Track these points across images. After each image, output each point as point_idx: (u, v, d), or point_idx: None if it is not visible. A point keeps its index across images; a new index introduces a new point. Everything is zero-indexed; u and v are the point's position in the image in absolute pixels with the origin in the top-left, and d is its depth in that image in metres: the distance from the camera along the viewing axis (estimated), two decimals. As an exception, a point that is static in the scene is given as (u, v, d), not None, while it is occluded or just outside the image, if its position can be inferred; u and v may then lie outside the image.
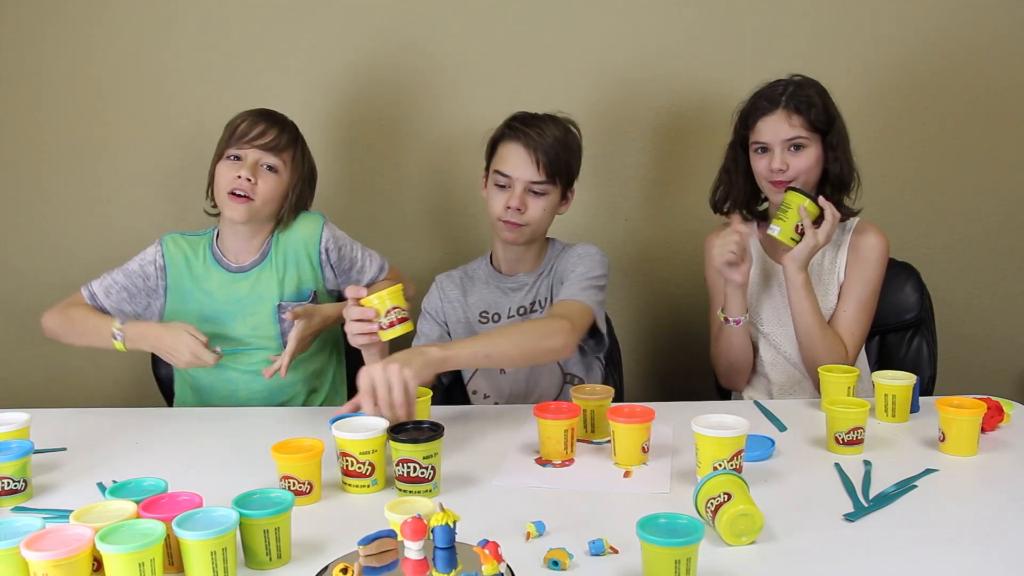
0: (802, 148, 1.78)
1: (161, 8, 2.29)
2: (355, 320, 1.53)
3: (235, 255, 1.88)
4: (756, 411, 1.64)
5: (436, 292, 1.93)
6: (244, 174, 1.76)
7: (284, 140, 1.81)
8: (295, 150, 1.84)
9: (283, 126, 1.82)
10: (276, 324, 1.84)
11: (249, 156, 1.78)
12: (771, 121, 1.78)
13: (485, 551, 0.85)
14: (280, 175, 1.81)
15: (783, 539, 1.11)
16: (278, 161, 1.80)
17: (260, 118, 1.81)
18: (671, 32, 2.26)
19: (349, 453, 1.27)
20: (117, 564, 0.94)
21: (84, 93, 2.32)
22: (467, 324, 1.88)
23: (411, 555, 0.88)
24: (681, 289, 2.32)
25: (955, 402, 1.41)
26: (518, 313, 1.86)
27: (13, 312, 2.42)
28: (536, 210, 1.79)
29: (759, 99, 1.81)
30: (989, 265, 2.34)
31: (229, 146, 1.79)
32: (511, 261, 1.90)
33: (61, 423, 1.64)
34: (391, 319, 1.51)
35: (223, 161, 1.80)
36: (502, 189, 1.79)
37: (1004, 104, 2.26)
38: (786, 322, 1.85)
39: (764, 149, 1.81)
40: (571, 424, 1.40)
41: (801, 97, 1.78)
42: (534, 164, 1.76)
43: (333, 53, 2.29)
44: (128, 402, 2.25)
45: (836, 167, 1.81)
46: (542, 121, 1.80)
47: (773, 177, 1.79)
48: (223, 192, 1.78)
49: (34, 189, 2.37)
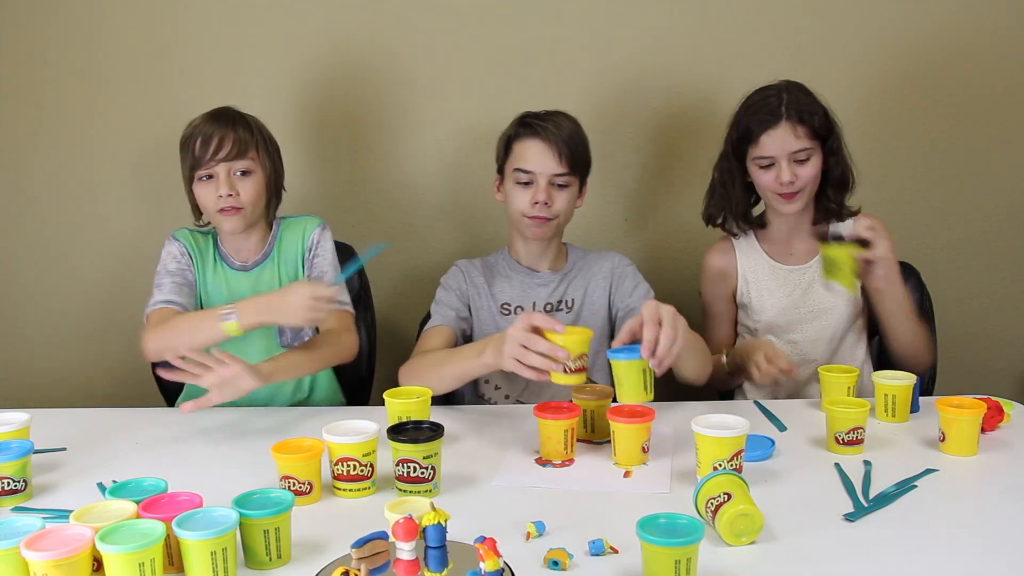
0: (808, 158, 1.77)
1: (156, 6, 2.28)
2: (539, 353, 1.39)
3: (237, 253, 1.89)
4: (756, 411, 1.64)
5: (460, 274, 1.92)
6: (223, 191, 1.75)
7: (244, 139, 1.77)
8: (256, 141, 1.80)
9: (234, 125, 1.78)
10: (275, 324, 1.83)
11: (219, 172, 1.75)
12: (777, 135, 1.75)
13: (483, 547, 0.85)
14: (255, 173, 1.79)
15: (783, 539, 1.11)
16: (248, 163, 1.78)
17: (212, 128, 1.75)
18: (670, 31, 2.25)
19: (351, 457, 1.27)
20: (117, 564, 0.94)
21: (78, 92, 2.32)
22: (490, 312, 1.88)
23: (403, 555, 0.88)
24: (680, 289, 2.32)
25: (955, 402, 1.41)
26: (544, 309, 1.86)
27: (13, 312, 2.41)
28: (561, 202, 1.80)
29: (758, 112, 1.77)
30: (989, 265, 2.34)
31: (196, 169, 1.76)
32: (534, 257, 1.90)
33: (61, 423, 1.63)
34: (578, 364, 1.39)
35: (197, 184, 1.78)
36: (524, 186, 1.80)
37: (1004, 104, 2.26)
38: (794, 327, 1.85)
39: (769, 163, 1.78)
40: (571, 424, 1.40)
41: (802, 106, 1.75)
42: (556, 157, 1.77)
43: (334, 51, 2.29)
44: (128, 402, 2.24)
45: (837, 170, 1.81)
46: (555, 116, 1.82)
47: (782, 190, 1.78)
48: (211, 212, 1.78)
49: (31, 190, 2.37)
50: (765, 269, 1.91)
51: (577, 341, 1.38)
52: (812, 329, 1.86)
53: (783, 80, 1.81)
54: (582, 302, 1.88)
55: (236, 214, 1.78)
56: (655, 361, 1.35)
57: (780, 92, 1.78)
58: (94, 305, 2.40)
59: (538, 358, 1.38)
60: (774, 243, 1.92)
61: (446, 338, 1.81)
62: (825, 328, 1.86)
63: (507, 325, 1.83)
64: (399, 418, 1.42)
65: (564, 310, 1.87)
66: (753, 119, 1.77)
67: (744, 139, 1.80)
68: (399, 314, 2.33)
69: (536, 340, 1.38)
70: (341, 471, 1.27)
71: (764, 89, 1.80)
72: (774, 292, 1.89)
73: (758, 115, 1.77)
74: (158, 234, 1.92)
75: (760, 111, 1.77)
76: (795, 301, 1.87)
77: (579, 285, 1.89)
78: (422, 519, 0.88)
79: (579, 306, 1.88)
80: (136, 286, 2.13)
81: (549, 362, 1.37)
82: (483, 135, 2.14)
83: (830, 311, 1.85)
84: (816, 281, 1.86)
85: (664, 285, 2.34)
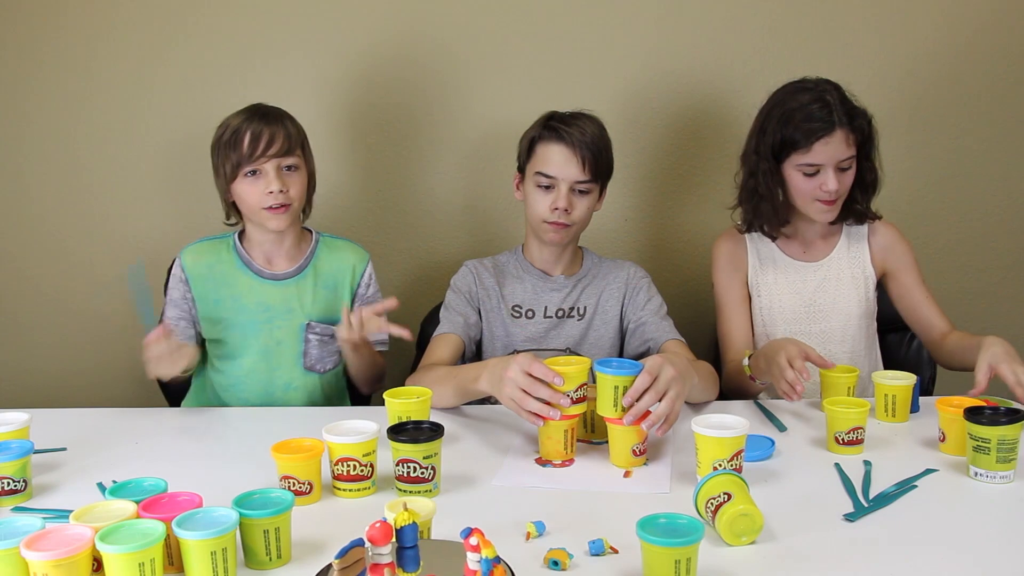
0: (851, 165, 1.73)
1: (165, 1, 2.28)
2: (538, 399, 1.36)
3: (267, 260, 1.84)
4: (756, 411, 1.64)
5: (470, 275, 1.90)
6: (275, 187, 1.71)
7: (293, 135, 1.76)
8: (302, 138, 1.80)
9: (281, 122, 1.76)
10: (301, 343, 1.82)
11: (268, 168, 1.72)
12: (832, 143, 1.67)
13: (471, 540, 0.85)
14: (301, 169, 1.78)
15: (783, 539, 1.11)
16: (295, 159, 1.76)
17: (259, 125, 1.72)
18: (673, 32, 2.25)
19: (351, 457, 1.27)
20: (117, 564, 0.94)
21: (81, 89, 2.32)
22: (500, 315, 1.87)
23: (381, 559, 0.86)
24: (681, 289, 2.32)
25: (955, 402, 1.41)
26: (556, 315, 1.86)
27: (13, 312, 2.41)
28: (581, 209, 1.79)
29: (809, 118, 1.67)
30: (989, 265, 2.34)
31: (242, 166, 1.72)
32: (549, 261, 1.89)
33: (61, 423, 1.63)
34: (578, 395, 1.38)
35: (241, 179, 1.73)
36: (546, 190, 1.78)
37: (1004, 104, 2.26)
38: (802, 323, 1.85)
39: (815, 170, 1.71)
40: (571, 424, 1.40)
41: (851, 111, 1.69)
42: (579, 163, 1.75)
43: (360, 52, 2.28)
44: (128, 402, 2.24)
45: (871, 175, 1.78)
46: (579, 119, 1.79)
47: (825, 197, 1.73)
48: (257, 209, 1.74)
49: (32, 189, 2.37)
50: (776, 262, 1.88)
51: (575, 375, 1.37)
52: (821, 328, 1.85)
53: (817, 78, 1.74)
54: (594, 310, 1.87)
55: (285, 211, 1.74)
56: (643, 425, 1.34)
57: (823, 95, 1.70)
58: (95, 306, 2.40)
59: (537, 404, 1.35)
60: (789, 239, 1.89)
61: (454, 347, 1.79)
62: (834, 329, 1.85)
63: (517, 329, 1.85)
64: (399, 418, 1.42)
65: (575, 316, 1.86)
66: (802, 126, 1.69)
67: (791, 145, 1.71)
68: (404, 314, 2.33)
69: (537, 387, 1.35)
70: (341, 471, 1.27)
71: (802, 90, 1.73)
72: (783, 287, 1.87)
73: (810, 122, 1.68)
74: (160, 235, 1.92)
75: (812, 118, 1.68)
76: (804, 298, 1.85)
77: (592, 293, 1.88)
78: (396, 520, 0.87)
79: (591, 314, 1.87)
80: (136, 286, 2.13)
81: (548, 408, 1.35)
82: (498, 134, 2.14)
83: (840, 311, 1.84)
84: (827, 281, 1.84)
85: (664, 285, 2.34)
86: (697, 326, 2.16)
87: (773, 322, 1.87)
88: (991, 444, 1.27)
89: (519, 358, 1.39)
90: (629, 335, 1.86)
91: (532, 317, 1.86)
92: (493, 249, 2.12)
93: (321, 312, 1.83)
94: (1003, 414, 1.30)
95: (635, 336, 1.84)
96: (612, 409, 1.36)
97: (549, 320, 1.86)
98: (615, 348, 1.87)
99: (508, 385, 1.38)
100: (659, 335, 1.80)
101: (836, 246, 1.87)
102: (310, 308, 1.83)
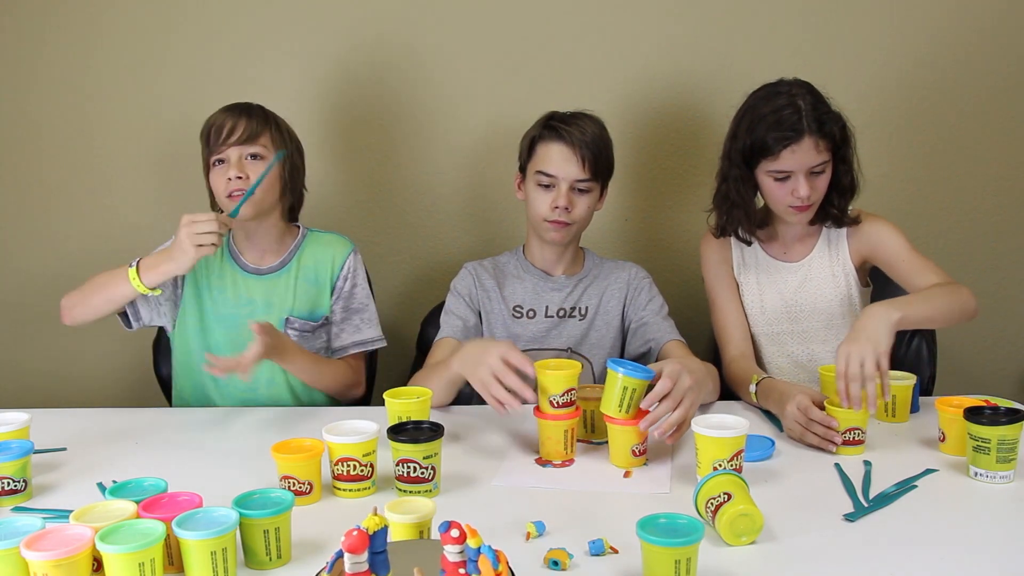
0: (824, 170, 1.71)
1: (165, 1, 2.28)
2: (507, 387, 1.39)
3: (251, 255, 1.87)
4: (756, 411, 1.64)
5: (470, 277, 1.90)
6: (232, 174, 1.75)
7: (256, 126, 1.79)
8: (270, 129, 1.81)
9: (250, 113, 1.80)
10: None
11: (231, 155, 1.76)
12: (800, 151, 1.65)
13: (469, 528, 0.85)
14: (266, 159, 1.79)
15: (783, 539, 1.11)
16: (259, 148, 1.78)
17: (227, 115, 1.78)
18: (673, 33, 2.25)
19: (351, 457, 1.27)
20: (117, 564, 0.94)
21: (81, 88, 2.31)
22: (501, 315, 1.87)
23: (358, 568, 0.85)
24: (681, 289, 2.32)
25: (955, 402, 1.40)
26: (557, 315, 1.86)
27: (13, 312, 2.41)
28: (582, 208, 1.80)
29: (778, 126, 1.65)
30: (989, 265, 2.34)
31: (211, 154, 1.78)
32: (550, 261, 1.89)
33: (61, 423, 1.64)
34: (564, 400, 1.39)
35: (212, 170, 1.79)
36: (546, 189, 1.79)
37: (1004, 104, 2.26)
38: (794, 329, 1.85)
39: (785, 176, 1.71)
40: (571, 424, 1.40)
41: (822, 117, 1.67)
42: (579, 162, 1.76)
43: (360, 53, 2.27)
44: (128, 402, 2.25)
45: (847, 178, 1.75)
46: (580, 119, 1.80)
47: (797, 203, 1.71)
48: (222, 197, 1.78)
49: (32, 187, 2.37)
50: (759, 262, 1.88)
51: (559, 379, 1.38)
52: (802, 328, 1.85)
53: (791, 80, 1.73)
54: (596, 310, 1.87)
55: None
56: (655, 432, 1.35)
57: (795, 100, 1.67)
58: (94, 305, 2.39)
59: (504, 393, 1.38)
60: (770, 239, 1.90)
61: (453, 350, 1.79)
62: (816, 329, 1.84)
63: (519, 329, 1.85)
64: (399, 418, 1.42)
65: (577, 316, 1.87)
66: (771, 133, 1.66)
67: (759, 151, 1.69)
68: (403, 314, 2.33)
69: (508, 374, 1.39)
70: (341, 471, 1.27)
71: (774, 94, 1.70)
72: (765, 286, 1.87)
73: (778, 129, 1.65)
74: (160, 234, 1.92)
75: (780, 125, 1.66)
76: (786, 298, 1.85)
77: (594, 293, 1.89)
78: (368, 524, 0.87)
79: (592, 314, 1.87)
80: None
81: (512, 398, 1.38)
82: (497, 135, 2.14)
83: (821, 311, 1.83)
84: (808, 281, 1.84)
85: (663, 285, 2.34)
86: (697, 326, 2.16)
87: (755, 322, 1.87)
88: (991, 444, 1.27)
89: (500, 344, 1.42)
90: (630, 335, 1.87)
91: (533, 317, 1.86)
92: (493, 249, 2.12)
93: (304, 307, 1.85)
94: (1003, 414, 1.30)
95: (636, 336, 1.85)
96: (617, 409, 1.36)
97: (550, 320, 1.86)
98: (616, 348, 1.87)
99: (483, 368, 1.40)
100: (660, 335, 1.80)
101: (815, 246, 1.86)
102: (291, 303, 1.84)
